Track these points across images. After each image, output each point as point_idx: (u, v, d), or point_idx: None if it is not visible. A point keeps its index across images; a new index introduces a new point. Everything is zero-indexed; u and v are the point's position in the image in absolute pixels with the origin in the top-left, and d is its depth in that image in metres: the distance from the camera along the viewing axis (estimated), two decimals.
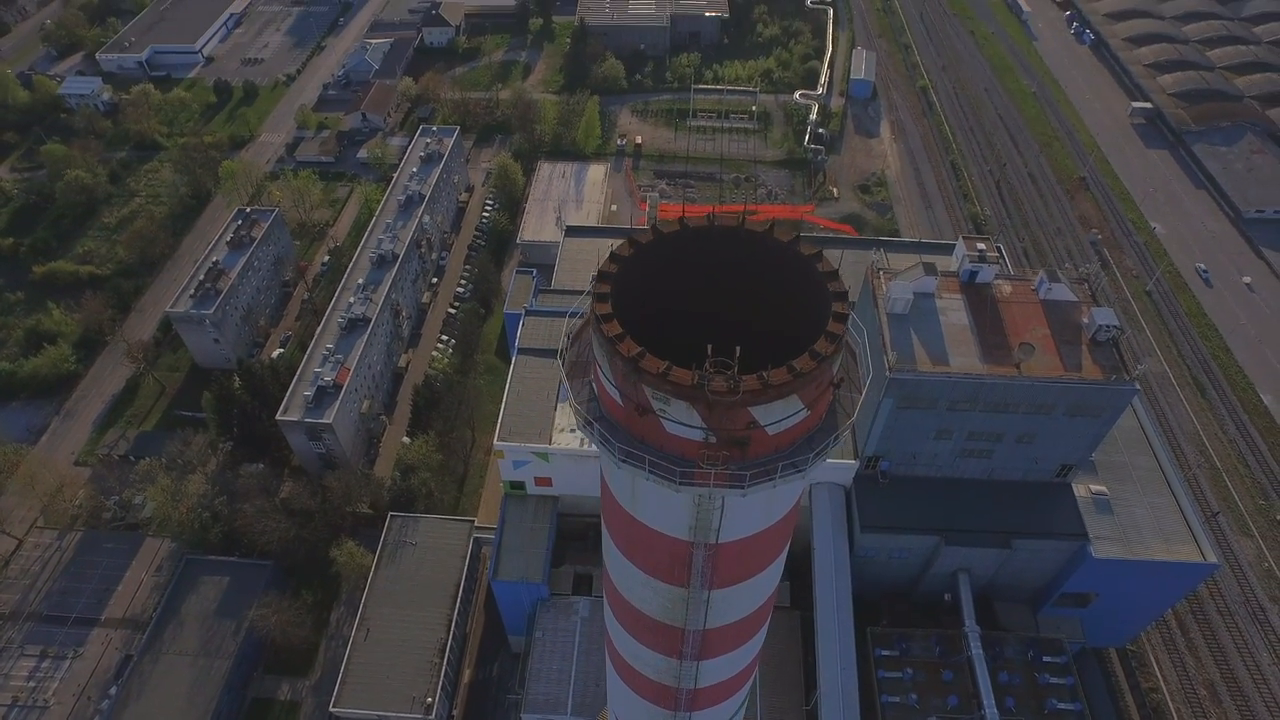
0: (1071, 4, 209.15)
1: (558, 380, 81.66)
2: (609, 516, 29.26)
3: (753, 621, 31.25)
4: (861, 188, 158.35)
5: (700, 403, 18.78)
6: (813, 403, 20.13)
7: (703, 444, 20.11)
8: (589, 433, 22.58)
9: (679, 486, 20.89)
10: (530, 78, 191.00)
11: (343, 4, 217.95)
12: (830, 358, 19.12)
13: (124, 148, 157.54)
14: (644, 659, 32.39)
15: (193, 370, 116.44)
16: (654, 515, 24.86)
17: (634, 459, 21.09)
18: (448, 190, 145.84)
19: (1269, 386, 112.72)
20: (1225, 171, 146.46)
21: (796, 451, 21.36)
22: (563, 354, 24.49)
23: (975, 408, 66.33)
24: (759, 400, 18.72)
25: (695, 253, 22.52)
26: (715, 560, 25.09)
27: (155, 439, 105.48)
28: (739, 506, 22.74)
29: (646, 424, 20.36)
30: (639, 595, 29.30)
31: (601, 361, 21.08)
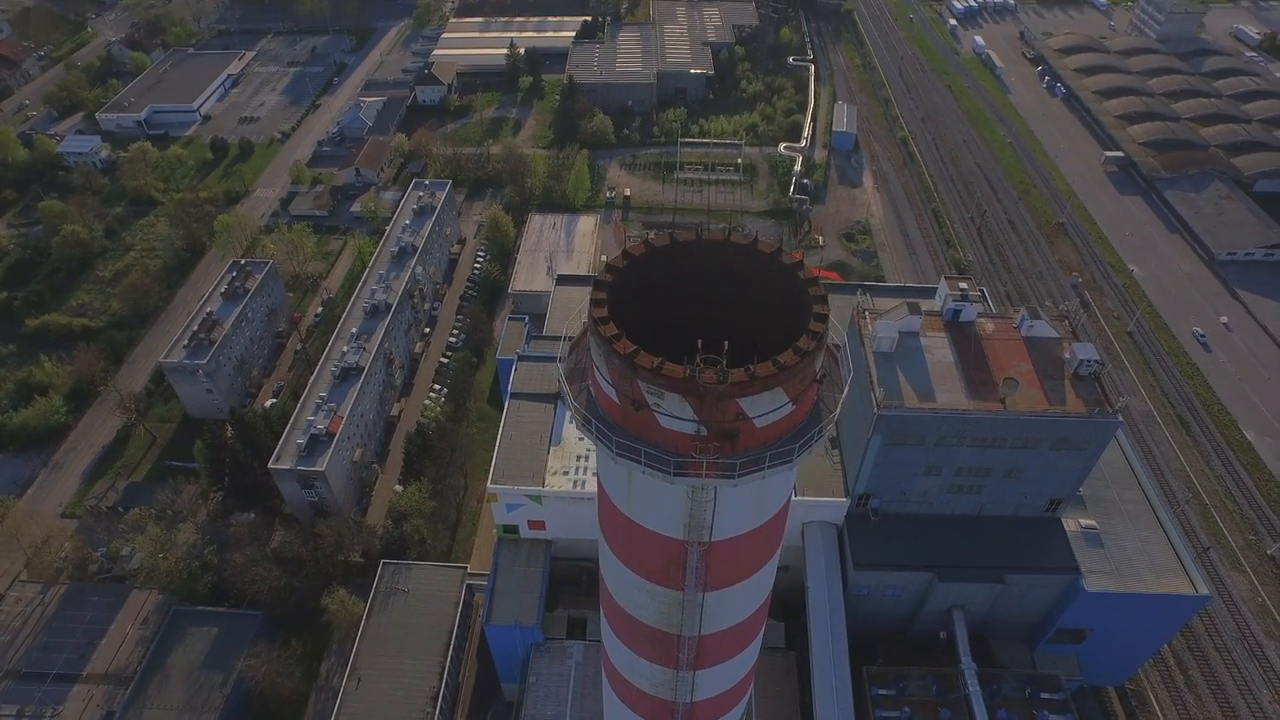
0: (1042, 60, 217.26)
1: (550, 424, 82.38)
2: (606, 522, 29.89)
3: (746, 630, 31.62)
4: (846, 236, 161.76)
5: (692, 395, 19.83)
6: (797, 397, 21.19)
7: (694, 436, 21.13)
8: (587, 431, 23.49)
9: (673, 478, 21.75)
10: (520, 134, 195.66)
11: (337, 65, 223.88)
12: (812, 353, 20.28)
13: (120, 203, 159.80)
14: (641, 671, 32.57)
15: (184, 421, 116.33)
16: (650, 515, 25.58)
17: (630, 453, 21.95)
18: (440, 242, 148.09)
19: (1251, 423, 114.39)
20: (1196, 216, 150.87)
21: (783, 445, 22.29)
22: (562, 360, 25.51)
23: (963, 443, 67.27)
24: (746, 392, 19.77)
25: (685, 265, 23.82)
26: (709, 560, 25.74)
27: (145, 490, 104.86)
28: (731, 501, 23.57)
29: (641, 419, 21.32)
30: (636, 602, 29.73)
31: (599, 362, 22.15)
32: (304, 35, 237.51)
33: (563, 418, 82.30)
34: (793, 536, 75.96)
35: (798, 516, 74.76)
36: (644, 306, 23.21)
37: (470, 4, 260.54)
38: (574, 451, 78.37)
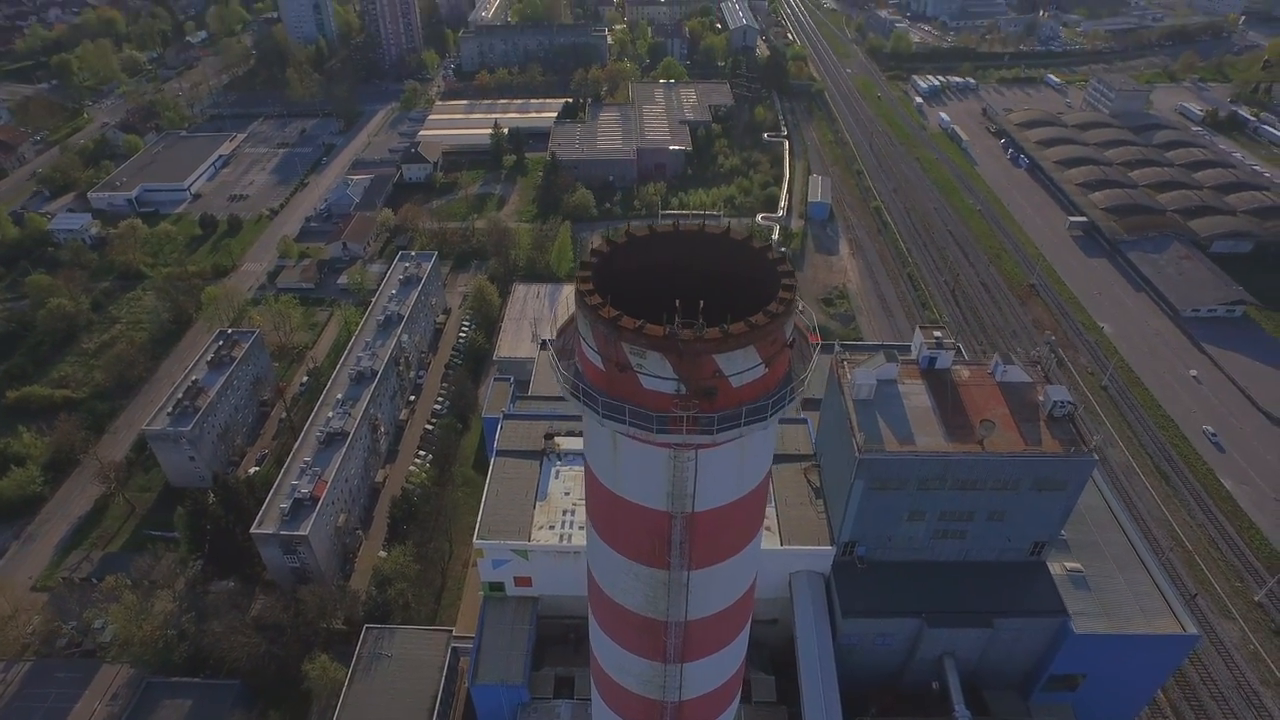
0: (1005, 133, 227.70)
1: (536, 480, 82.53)
2: (593, 507, 30.52)
3: (732, 620, 31.88)
4: (825, 301, 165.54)
5: (671, 352, 21.15)
6: (770, 359, 22.55)
7: (675, 395, 22.28)
8: (576, 398, 24.57)
9: (655, 433, 22.75)
10: (505, 208, 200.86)
11: (326, 145, 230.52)
12: (780, 316, 21.72)
13: (108, 278, 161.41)
14: (629, 669, 32.52)
15: (165, 490, 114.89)
16: (634, 487, 26.40)
17: (615, 413, 22.99)
18: (425, 311, 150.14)
19: (1228, 472, 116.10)
20: (1159, 275, 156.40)
21: (758, 405, 23.44)
22: (551, 341, 26.79)
23: (944, 486, 68.16)
24: (721, 349, 21.13)
25: (665, 254, 25.42)
26: (693, 533, 26.42)
27: (122, 560, 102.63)
28: (711, 468, 24.48)
29: (625, 381, 22.54)
30: (623, 587, 30.09)
31: (585, 333, 23.51)
32: (294, 118, 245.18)
33: (548, 474, 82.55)
34: (780, 588, 75.73)
35: (784, 566, 74.76)
36: (627, 290, 24.82)
37: (455, 88, 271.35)
38: (560, 506, 78.36)
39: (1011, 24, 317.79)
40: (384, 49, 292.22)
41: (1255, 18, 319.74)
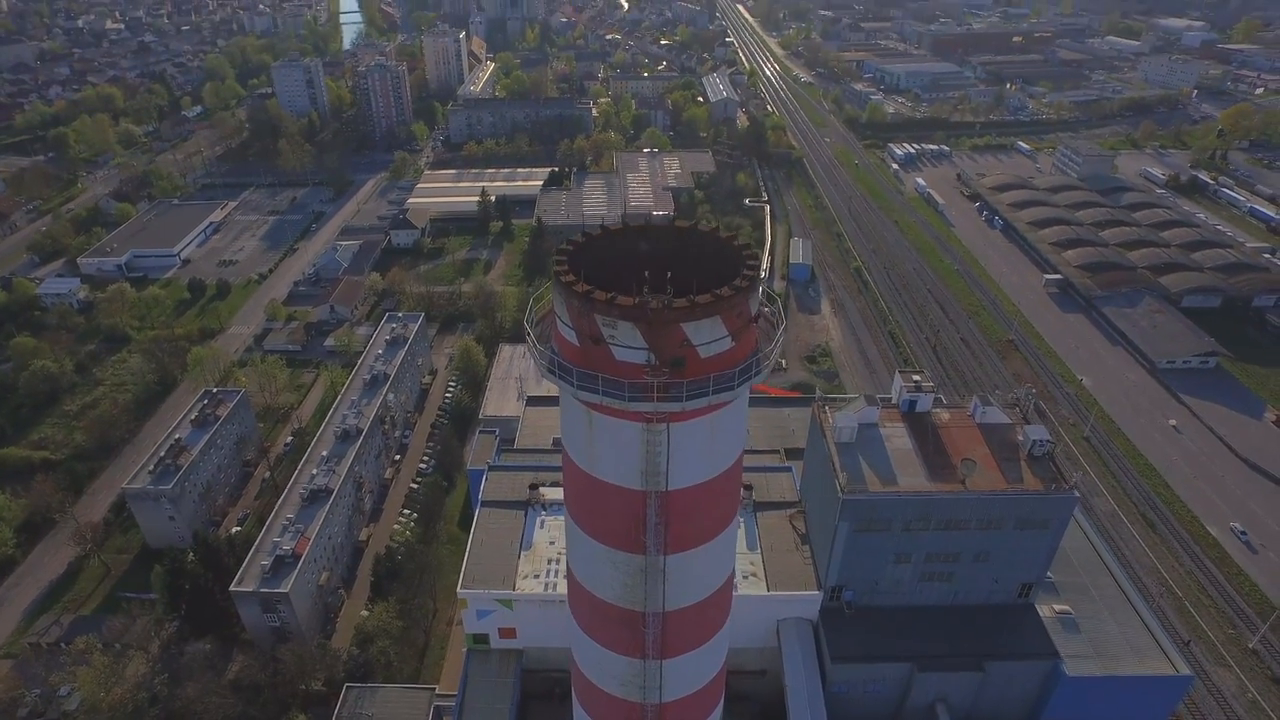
0: (979, 196, 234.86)
1: (521, 530, 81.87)
2: (572, 493, 30.79)
3: (709, 614, 31.75)
4: (808, 359, 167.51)
5: (641, 320, 22.10)
6: (736, 333, 23.51)
7: (646, 365, 23.00)
8: (552, 374, 25.24)
9: (628, 401, 23.38)
10: (491, 273, 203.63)
11: (315, 213, 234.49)
12: (744, 290, 22.75)
13: (94, 340, 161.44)
14: (609, 670, 32.16)
15: (143, 552, 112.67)
16: (610, 466, 26.84)
17: (589, 384, 23.66)
18: (412, 371, 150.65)
19: (1213, 519, 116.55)
20: (1134, 329, 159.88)
21: (726, 375, 24.24)
22: (529, 323, 27.65)
23: (929, 527, 68.33)
24: (689, 317, 22.13)
25: (638, 248, 26.55)
26: (667, 513, 26.70)
27: (94, 623, 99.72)
28: (683, 444, 24.97)
29: (599, 354, 23.34)
30: (601, 578, 30.12)
31: (561, 311, 24.43)
32: (285, 187, 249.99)
33: (533, 524, 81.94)
34: (768, 637, 74.72)
35: (771, 614, 73.95)
36: (603, 280, 25.84)
37: (444, 158, 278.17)
38: (545, 555, 77.56)
39: (981, 95, 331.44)
40: (375, 121, 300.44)
41: (1205, 92, 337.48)
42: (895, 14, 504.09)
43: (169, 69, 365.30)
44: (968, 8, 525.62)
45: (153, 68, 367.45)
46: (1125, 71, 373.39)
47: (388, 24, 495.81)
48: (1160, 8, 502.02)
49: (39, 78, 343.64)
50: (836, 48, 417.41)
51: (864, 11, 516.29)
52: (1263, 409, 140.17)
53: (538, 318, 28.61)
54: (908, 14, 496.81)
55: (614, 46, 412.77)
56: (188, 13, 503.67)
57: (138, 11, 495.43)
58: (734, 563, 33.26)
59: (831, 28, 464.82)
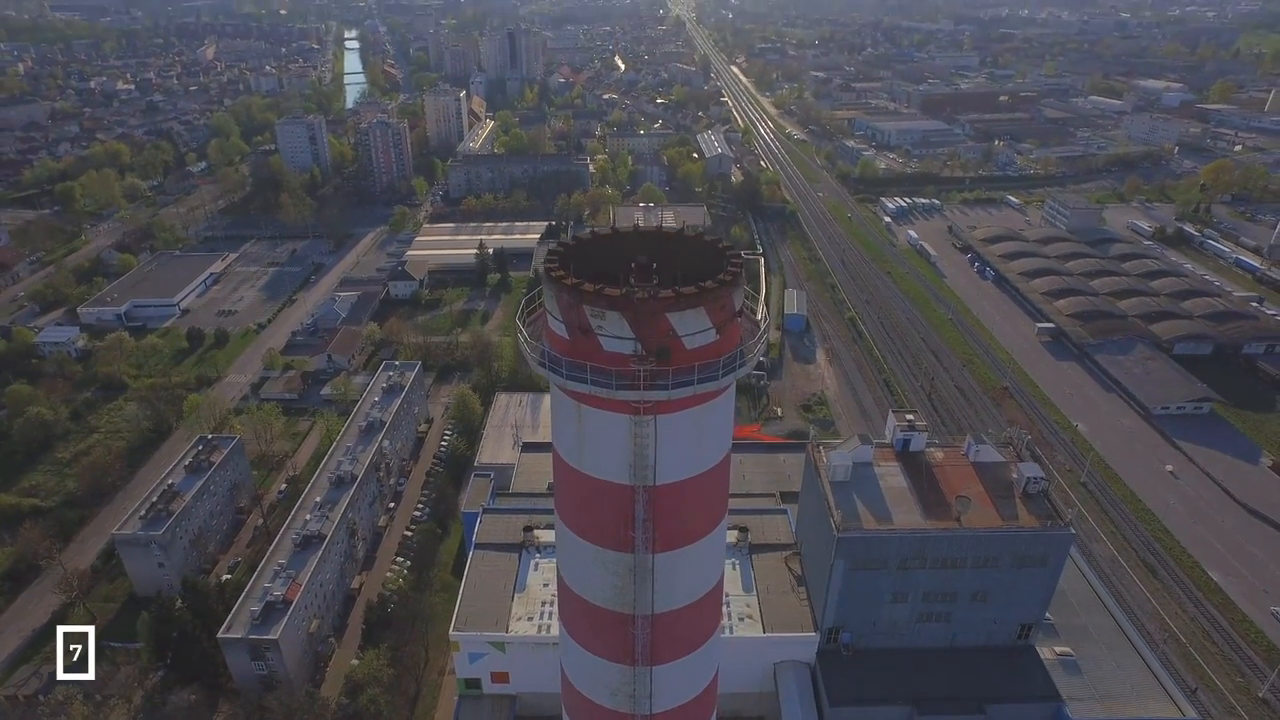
0: (970, 248, 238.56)
1: (515, 572, 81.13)
2: (562, 493, 30.88)
3: (699, 620, 31.43)
4: (804, 407, 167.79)
5: (628, 309, 22.69)
6: (720, 326, 24.10)
7: (633, 355, 23.50)
8: (542, 366, 25.69)
9: (615, 390, 23.78)
10: (488, 324, 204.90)
11: (315, 265, 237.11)
12: (728, 284, 23.45)
13: (91, 388, 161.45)
14: (599, 679, 31.70)
15: (130, 601, 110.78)
16: (599, 461, 27.09)
17: (578, 373, 24.08)
18: (408, 420, 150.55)
19: (1215, 564, 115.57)
20: (1127, 376, 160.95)
21: (711, 364, 24.77)
22: (520, 317, 28.22)
23: (925, 565, 68.03)
24: (674, 307, 22.70)
25: (627, 250, 27.37)
26: (655, 508, 26.78)
27: None
28: (670, 437, 25.26)
29: (588, 345, 23.89)
30: (591, 580, 29.98)
31: (551, 307, 25.07)
32: (285, 240, 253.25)
33: (527, 566, 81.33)
34: (765, 681, 73.60)
35: (767, 656, 72.98)
36: (593, 280, 26.61)
37: (442, 212, 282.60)
38: (539, 598, 76.79)
39: (970, 151, 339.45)
40: (375, 176, 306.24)
41: (1186, 148, 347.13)
42: (885, 74, 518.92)
43: (176, 126, 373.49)
44: (955, 69, 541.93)
45: (160, 126, 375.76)
46: (1109, 129, 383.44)
47: (390, 84, 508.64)
48: (1139, 70, 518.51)
49: (49, 135, 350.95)
50: (829, 106, 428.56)
51: (855, 73, 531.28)
52: (1259, 454, 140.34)
53: (529, 319, 29.36)
54: (897, 75, 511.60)
55: (611, 106, 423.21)
56: (196, 74, 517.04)
57: (148, 73, 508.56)
58: (723, 569, 33.35)
59: (823, 88, 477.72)
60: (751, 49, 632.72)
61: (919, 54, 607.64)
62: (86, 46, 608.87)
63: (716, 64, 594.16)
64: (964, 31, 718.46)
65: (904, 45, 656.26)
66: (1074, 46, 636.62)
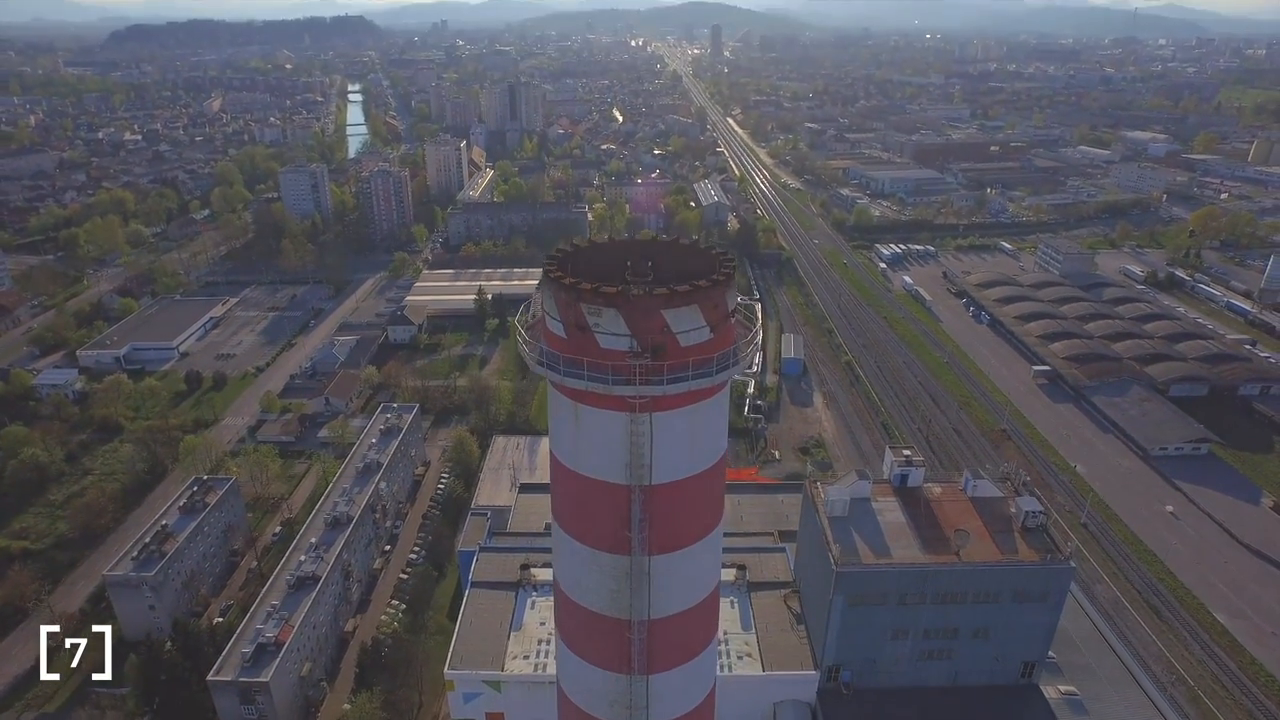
0: (965, 293, 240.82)
1: (511, 611, 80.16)
2: (558, 496, 30.88)
3: (696, 627, 31.09)
4: (802, 449, 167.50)
5: (624, 306, 23.14)
6: (714, 325, 24.61)
7: (629, 351, 23.87)
8: (541, 365, 26.04)
9: (611, 384, 24.10)
10: (486, 368, 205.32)
11: (315, 309, 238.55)
12: (721, 283, 23.97)
13: (87, 431, 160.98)
14: (595, 688, 31.21)
15: (118, 644, 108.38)
16: (595, 461, 27.16)
17: (575, 369, 24.41)
18: (405, 462, 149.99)
19: (1220, 605, 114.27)
20: (1124, 417, 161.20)
21: (705, 362, 25.16)
22: (520, 321, 28.64)
23: (925, 600, 67.45)
24: (669, 304, 23.25)
25: (623, 258, 27.99)
26: (651, 508, 26.80)
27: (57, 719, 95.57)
28: (666, 433, 25.50)
29: (585, 342, 24.28)
30: (587, 585, 29.81)
31: (549, 307, 25.60)
32: (286, 285, 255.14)
33: (524, 604, 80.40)
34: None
35: (766, 696, 71.76)
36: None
37: (442, 259, 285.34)
38: (535, 636, 75.76)
39: (962, 199, 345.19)
40: (376, 224, 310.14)
41: (1174, 196, 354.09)
42: (878, 125, 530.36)
43: (180, 175, 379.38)
44: (946, 120, 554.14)
45: (165, 174, 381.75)
46: (1098, 178, 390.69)
47: (392, 135, 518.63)
48: (1125, 122, 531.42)
49: (56, 184, 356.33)
50: (823, 156, 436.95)
51: (848, 124, 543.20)
52: (1260, 495, 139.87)
53: (529, 322, 29.97)
54: (890, 126, 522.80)
55: (609, 156, 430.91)
56: (202, 125, 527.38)
57: (155, 124, 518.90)
58: (719, 575, 33.27)
59: (818, 138, 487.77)
60: (747, 101, 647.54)
61: (911, 106, 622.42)
62: (97, 100, 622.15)
63: (713, 116, 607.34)
64: (954, 85, 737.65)
65: (896, 98, 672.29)
66: (1061, 99, 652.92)
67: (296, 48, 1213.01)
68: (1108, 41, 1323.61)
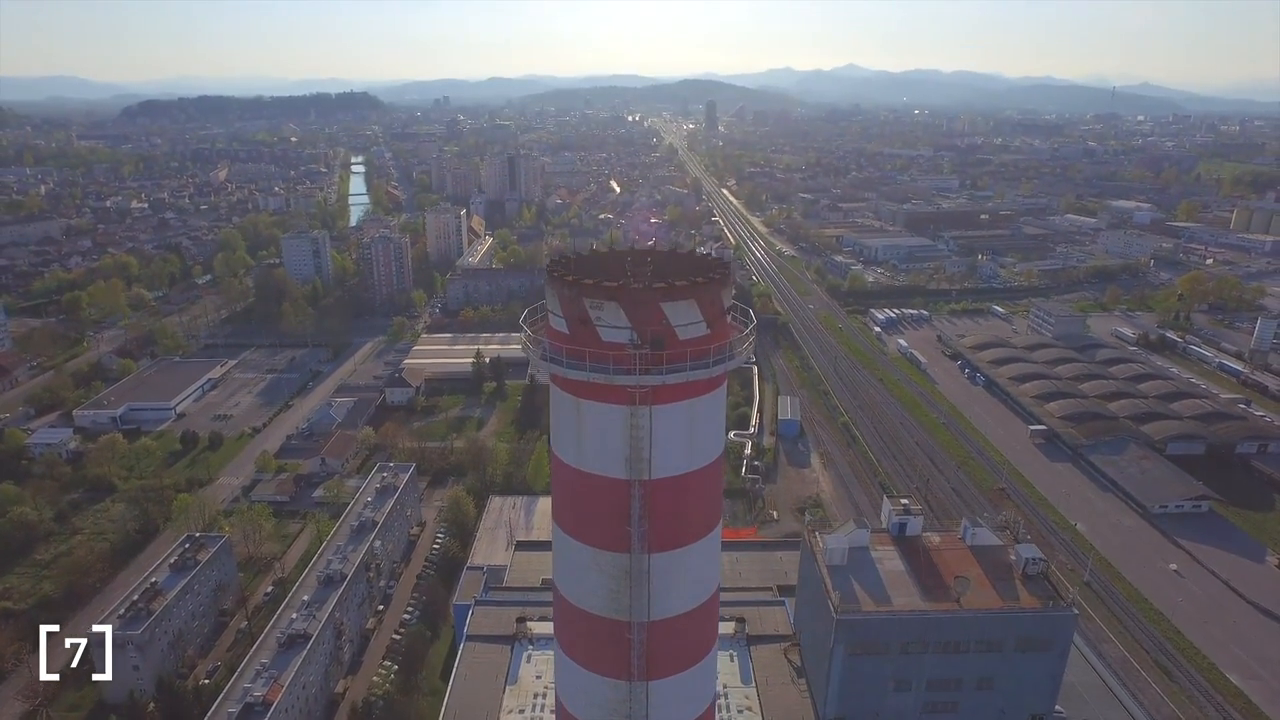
0: (960, 355, 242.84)
1: (506, 665, 78.55)
2: (559, 495, 30.86)
3: (695, 633, 30.63)
4: (799, 510, 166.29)
5: (625, 298, 23.98)
6: (711, 321, 25.43)
7: (629, 344, 24.55)
8: (545, 359, 26.70)
9: (613, 374, 24.66)
10: (484, 430, 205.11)
11: (313, 372, 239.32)
12: (717, 281, 24.86)
13: (79, 490, 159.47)
14: (594, 697, 30.51)
15: (98, 708, 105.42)
16: (596, 456, 27.43)
17: (578, 359, 25.01)
18: (400, 521, 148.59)
19: (1233, 666, 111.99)
20: (1122, 475, 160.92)
21: (702, 353, 25.86)
22: (525, 321, 29.37)
23: (927, 649, 66.45)
24: (667, 297, 24.10)
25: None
26: (651, 504, 26.91)
27: None
28: (665, 427, 25.89)
29: (587, 335, 24.98)
30: (588, 587, 29.64)
31: (553, 305, 26.48)
32: (285, 348, 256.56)
33: (519, 658, 78.89)
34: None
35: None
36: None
37: (440, 323, 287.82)
38: (531, 690, 74.16)
39: (954, 265, 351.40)
40: (376, 289, 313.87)
41: (1161, 261, 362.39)
42: (870, 195, 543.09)
43: (185, 241, 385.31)
44: (936, 190, 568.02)
45: (170, 240, 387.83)
46: (1086, 244, 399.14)
47: (393, 204, 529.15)
48: (1110, 192, 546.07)
49: (62, 249, 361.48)
50: (817, 225, 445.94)
51: (841, 194, 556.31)
52: (1264, 553, 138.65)
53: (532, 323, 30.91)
54: (881, 195, 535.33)
55: (607, 225, 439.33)
56: (208, 194, 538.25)
57: (162, 193, 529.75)
58: (718, 581, 33.19)
59: (811, 208, 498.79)
60: (741, 173, 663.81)
61: (902, 177, 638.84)
62: (106, 170, 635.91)
63: (708, 186, 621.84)
64: (943, 157, 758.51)
65: (887, 169, 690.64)
66: (1047, 170, 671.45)
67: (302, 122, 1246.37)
68: (1089, 117, 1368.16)
